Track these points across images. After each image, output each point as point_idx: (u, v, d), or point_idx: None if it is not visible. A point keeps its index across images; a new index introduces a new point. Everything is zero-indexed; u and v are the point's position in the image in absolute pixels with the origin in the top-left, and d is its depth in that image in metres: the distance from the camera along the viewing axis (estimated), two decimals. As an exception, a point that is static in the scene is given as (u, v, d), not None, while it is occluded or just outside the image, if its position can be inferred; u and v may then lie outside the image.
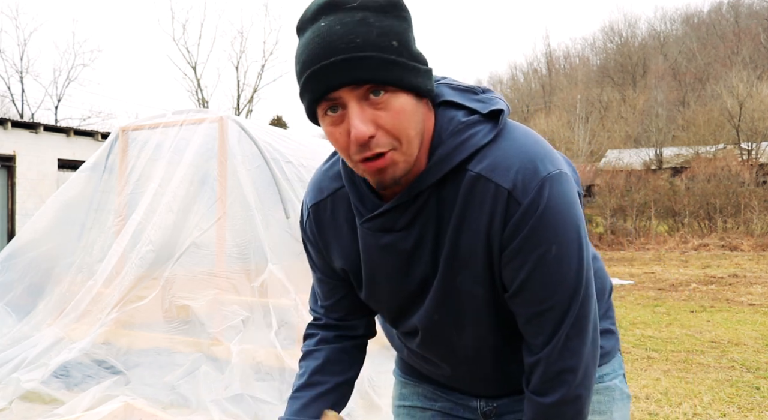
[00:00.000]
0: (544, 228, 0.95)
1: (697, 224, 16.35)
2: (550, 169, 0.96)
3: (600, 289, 1.21)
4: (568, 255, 0.97)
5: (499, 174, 0.95)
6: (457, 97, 1.01)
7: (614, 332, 1.26)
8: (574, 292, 0.98)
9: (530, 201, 0.94)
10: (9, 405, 3.55)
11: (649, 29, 45.46)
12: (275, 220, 4.50)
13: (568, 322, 0.99)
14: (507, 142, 0.98)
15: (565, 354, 1.00)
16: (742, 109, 26.04)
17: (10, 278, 4.84)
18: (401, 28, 0.91)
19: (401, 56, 0.90)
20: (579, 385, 1.01)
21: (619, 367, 1.25)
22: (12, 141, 10.73)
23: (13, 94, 26.86)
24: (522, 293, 1.00)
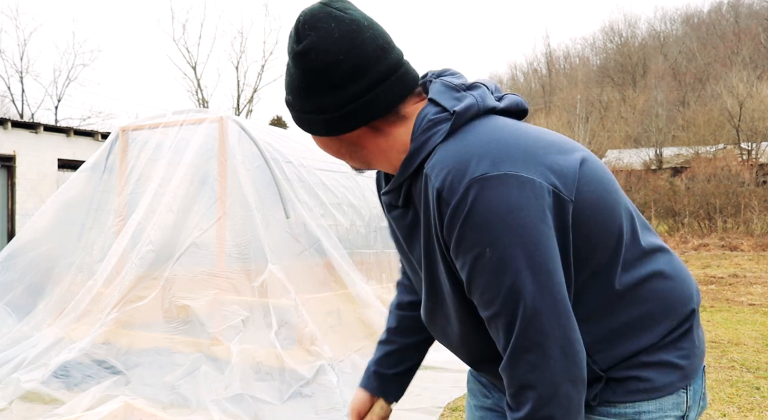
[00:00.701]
0: (473, 231, 0.93)
1: (697, 224, 16.35)
2: (483, 171, 0.92)
3: (657, 311, 1.06)
4: (504, 261, 0.92)
5: (435, 173, 0.98)
6: (439, 95, 1.05)
7: (680, 367, 1.07)
8: (515, 303, 0.93)
9: (457, 202, 0.93)
10: (9, 405, 3.55)
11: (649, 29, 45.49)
12: (275, 220, 4.50)
13: (519, 334, 0.94)
14: (455, 141, 0.99)
15: (524, 367, 0.95)
16: (742, 109, 26.04)
17: (10, 278, 4.84)
18: (295, 84, 1.05)
19: (293, 109, 1.07)
20: (547, 404, 0.95)
21: (671, 408, 1.06)
22: (12, 141, 10.73)
23: (13, 94, 26.90)
24: (473, 295, 1.00)
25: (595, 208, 1.00)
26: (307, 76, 1.00)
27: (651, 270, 1.07)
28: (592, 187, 1.00)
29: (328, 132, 1.05)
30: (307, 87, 1.01)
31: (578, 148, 1.06)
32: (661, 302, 1.06)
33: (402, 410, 3.64)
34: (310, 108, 1.04)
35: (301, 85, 1.02)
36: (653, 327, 1.05)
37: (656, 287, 1.06)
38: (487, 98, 1.05)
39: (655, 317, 1.06)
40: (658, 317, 1.06)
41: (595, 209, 1.00)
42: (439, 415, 3.58)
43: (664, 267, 1.09)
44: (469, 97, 1.03)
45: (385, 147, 1.07)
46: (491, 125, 1.02)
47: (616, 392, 1.04)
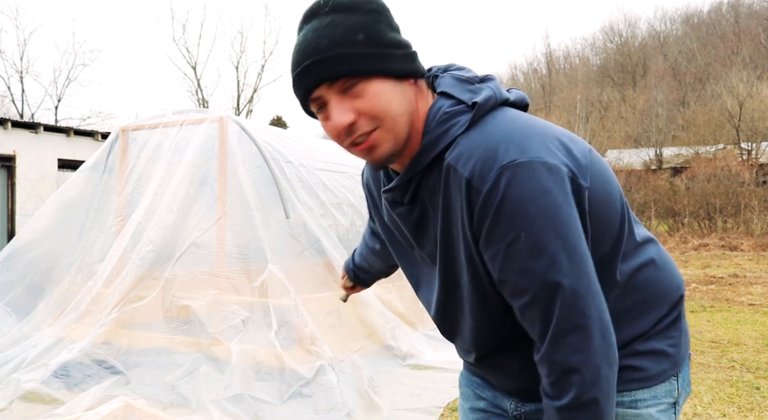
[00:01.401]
0: (506, 217, 0.94)
1: (697, 224, 16.34)
2: (513, 157, 0.94)
3: (650, 299, 1.11)
4: (540, 244, 0.93)
5: (462, 163, 0.98)
6: (452, 88, 1.06)
7: (670, 355, 1.12)
8: (554, 285, 0.94)
9: (488, 189, 0.94)
10: (9, 405, 3.55)
11: (649, 29, 45.50)
12: (275, 220, 4.51)
13: (559, 317, 0.94)
14: (477, 131, 1.00)
15: (567, 350, 0.95)
16: (742, 109, 26.04)
17: (10, 278, 4.84)
18: (368, 22, 0.99)
19: (368, 47, 0.98)
20: (591, 387, 0.95)
21: (665, 395, 1.11)
22: (12, 141, 10.73)
23: (13, 94, 26.88)
24: (504, 285, 0.99)
25: (602, 198, 1.04)
26: (377, 15, 1.01)
27: (644, 259, 1.11)
28: (598, 177, 1.04)
29: (410, 66, 1.03)
30: (378, 26, 1.00)
31: (580, 139, 1.11)
32: (652, 290, 1.11)
33: (402, 410, 3.64)
34: (388, 42, 1.00)
35: (374, 23, 1.00)
36: (646, 314, 1.10)
37: (648, 276, 1.11)
38: (502, 90, 1.08)
39: (647, 305, 1.10)
40: (650, 305, 1.10)
41: (602, 198, 1.04)
42: (439, 415, 3.58)
43: (655, 256, 1.13)
44: (486, 89, 1.04)
45: (421, 117, 1.05)
46: (509, 116, 1.04)
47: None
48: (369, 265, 1.60)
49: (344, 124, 0.99)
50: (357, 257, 1.63)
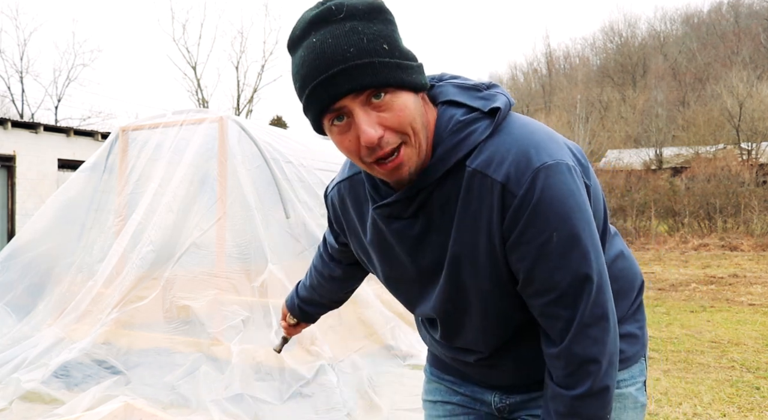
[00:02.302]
0: (541, 217, 0.96)
1: (697, 224, 16.33)
2: (544, 160, 0.97)
3: (625, 287, 1.20)
4: (571, 242, 0.97)
5: (493, 168, 0.99)
6: (459, 96, 1.05)
7: (639, 337, 1.23)
8: (584, 279, 0.98)
9: (524, 192, 0.96)
10: (9, 405, 3.55)
11: (649, 29, 45.50)
12: (275, 220, 4.50)
13: (584, 310, 0.99)
14: (502, 137, 1.00)
15: (587, 343, 1.00)
16: (742, 109, 26.05)
17: (10, 278, 4.84)
18: (388, 31, 0.96)
19: (393, 57, 0.95)
20: (605, 375, 1.01)
21: (639, 374, 1.22)
22: (12, 141, 10.73)
23: (13, 94, 26.89)
24: (531, 284, 1.01)
25: (596, 195, 1.10)
26: (393, 25, 0.99)
27: (616, 251, 1.20)
28: (592, 175, 1.09)
29: (424, 79, 1.02)
30: (396, 36, 0.98)
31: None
32: (625, 279, 1.21)
33: (402, 410, 3.64)
34: (407, 53, 0.98)
35: (391, 34, 0.97)
36: (621, 302, 1.17)
37: (621, 266, 1.20)
38: (510, 96, 1.08)
39: (621, 292, 1.18)
40: (624, 292, 1.19)
41: (596, 196, 1.10)
42: (439, 415, 3.58)
43: (622, 248, 1.23)
44: (500, 96, 1.05)
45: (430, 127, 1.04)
46: (523, 120, 1.05)
47: None
48: (320, 296, 1.54)
49: (374, 139, 0.94)
50: (303, 290, 1.56)
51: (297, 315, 1.59)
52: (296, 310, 1.58)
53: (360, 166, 1.02)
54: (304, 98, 0.97)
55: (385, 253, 1.17)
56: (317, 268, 1.52)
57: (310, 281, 1.54)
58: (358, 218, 1.20)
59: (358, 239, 1.23)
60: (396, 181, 1.02)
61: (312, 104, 0.96)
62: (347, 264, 1.44)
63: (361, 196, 1.18)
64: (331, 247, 1.44)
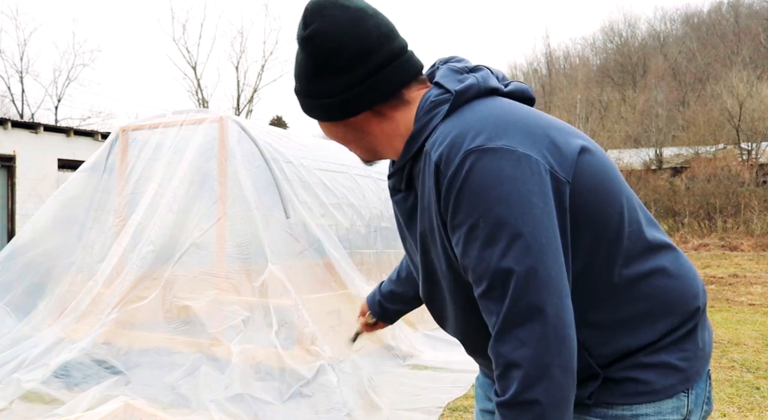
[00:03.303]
0: (467, 200, 0.93)
1: (697, 224, 16.34)
2: (480, 143, 0.94)
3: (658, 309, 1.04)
4: (497, 231, 0.91)
5: (434, 148, 1.00)
6: (443, 78, 1.07)
7: (680, 369, 1.04)
8: (506, 274, 0.91)
9: (452, 173, 0.95)
10: (9, 405, 3.55)
11: (649, 29, 45.47)
12: (275, 220, 4.50)
13: (509, 307, 0.91)
14: (453, 120, 1.01)
15: (510, 344, 0.92)
16: (742, 109, 26.02)
17: (10, 278, 4.84)
18: (301, 73, 1.09)
19: (300, 96, 1.12)
20: (532, 387, 0.90)
21: (670, 412, 1.03)
22: (12, 141, 10.73)
23: (13, 94, 26.88)
24: (466, 273, 0.99)
25: (594, 194, 0.99)
26: (313, 61, 1.03)
27: (653, 266, 1.04)
28: (592, 172, 1.00)
29: (333, 117, 1.08)
30: (313, 71, 1.04)
31: (581, 135, 1.07)
32: (661, 299, 1.04)
33: (402, 410, 3.64)
34: (316, 93, 1.06)
35: (307, 70, 1.04)
36: (653, 324, 1.03)
37: (657, 284, 1.04)
38: (489, 79, 1.07)
39: (655, 314, 1.03)
40: (658, 314, 1.03)
41: (594, 195, 0.99)
42: (439, 415, 3.58)
43: (668, 264, 1.06)
44: (470, 78, 1.05)
45: (389, 132, 1.09)
46: (492, 104, 1.03)
47: (614, 393, 1.02)
48: (404, 291, 1.48)
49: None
50: (389, 284, 1.52)
51: (377, 312, 1.55)
52: (377, 307, 1.55)
53: None
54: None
55: (397, 221, 1.21)
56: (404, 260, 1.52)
57: (398, 274, 1.50)
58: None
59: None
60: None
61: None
62: None
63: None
64: None
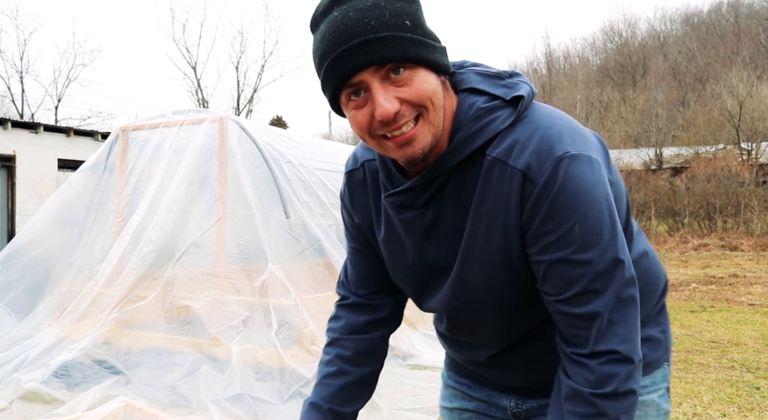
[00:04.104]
0: (562, 207, 0.93)
1: (697, 224, 16.34)
2: (566, 149, 0.94)
3: (649, 287, 1.15)
4: (594, 234, 0.93)
5: (514, 157, 0.95)
6: (481, 84, 1.02)
7: (662, 341, 1.17)
8: (605, 273, 0.94)
9: (545, 180, 0.93)
10: (9, 405, 3.56)
11: (649, 29, 45.47)
12: (275, 220, 4.51)
13: (608, 305, 0.94)
14: (524, 125, 0.98)
15: (612, 340, 0.94)
16: (742, 109, 26.03)
17: (10, 278, 4.84)
18: (411, 9, 0.94)
19: (415, 34, 0.93)
20: (632, 379, 0.95)
21: (662, 381, 1.16)
22: (12, 141, 10.73)
23: (13, 94, 26.88)
24: (549, 279, 0.97)
25: (618, 191, 1.05)
26: (417, 4, 0.97)
27: (640, 250, 1.15)
28: (615, 170, 1.05)
29: (446, 64, 0.98)
30: (420, 15, 0.96)
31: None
32: (649, 279, 1.15)
33: (402, 410, 3.64)
34: (429, 33, 0.96)
35: (418, 11, 0.96)
36: (645, 303, 1.12)
37: (645, 265, 1.14)
38: (533, 85, 1.06)
39: (646, 293, 1.12)
40: (647, 293, 1.13)
41: (618, 191, 1.05)
42: (439, 415, 3.58)
43: (646, 247, 1.18)
44: (523, 85, 1.03)
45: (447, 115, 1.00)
46: (547, 110, 1.02)
47: None
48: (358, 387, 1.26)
49: (390, 113, 0.91)
50: (340, 394, 1.22)
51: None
52: None
53: (369, 143, 0.99)
54: (322, 72, 0.95)
55: (392, 244, 1.13)
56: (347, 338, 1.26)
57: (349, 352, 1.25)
58: (376, 214, 1.15)
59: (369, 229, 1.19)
60: (407, 159, 0.98)
61: (330, 78, 0.94)
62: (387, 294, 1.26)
63: (370, 185, 1.15)
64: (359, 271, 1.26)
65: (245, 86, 28.83)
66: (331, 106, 1.00)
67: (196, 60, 27.74)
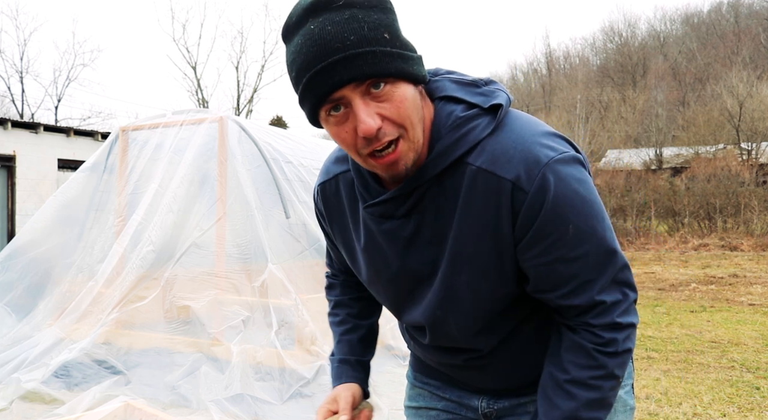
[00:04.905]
0: (556, 212, 0.94)
1: (697, 224, 16.34)
2: (550, 154, 0.95)
3: None
4: (588, 230, 0.96)
5: (500, 166, 0.95)
6: (458, 92, 1.02)
7: None
8: (601, 264, 0.98)
9: (536, 189, 0.94)
10: (9, 405, 3.56)
11: (649, 29, 45.48)
12: (275, 220, 4.51)
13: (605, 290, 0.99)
14: (505, 134, 0.98)
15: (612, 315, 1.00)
16: (742, 109, 26.04)
17: (10, 278, 4.84)
18: (388, 20, 0.93)
19: (394, 47, 0.92)
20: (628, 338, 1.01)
21: (627, 377, 1.20)
22: (12, 141, 10.73)
23: (13, 94, 26.89)
24: (546, 279, 0.99)
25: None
26: (393, 15, 0.95)
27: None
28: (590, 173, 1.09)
29: (421, 74, 0.97)
30: (396, 26, 0.95)
31: None
32: None
33: (402, 410, 3.64)
34: (406, 45, 0.95)
35: (394, 23, 0.95)
36: None
37: None
38: (509, 92, 1.06)
39: None
40: None
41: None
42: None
43: None
44: (500, 93, 1.03)
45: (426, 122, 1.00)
46: (523, 117, 1.03)
47: None
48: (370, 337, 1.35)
49: (372, 130, 0.90)
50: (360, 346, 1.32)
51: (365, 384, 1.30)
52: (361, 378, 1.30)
53: (356, 158, 0.98)
54: (300, 88, 0.93)
55: (373, 254, 1.11)
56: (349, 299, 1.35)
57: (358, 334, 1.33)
58: (353, 221, 1.14)
59: (350, 246, 1.17)
60: (391, 175, 0.98)
61: (309, 94, 0.92)
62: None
63: (345, 196, 1.14)
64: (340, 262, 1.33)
65: (245, 86, 28.85)
66: (310, 120, 0.99)
67: (196, 60, 27.74)
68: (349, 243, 1.17)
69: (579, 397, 0.99)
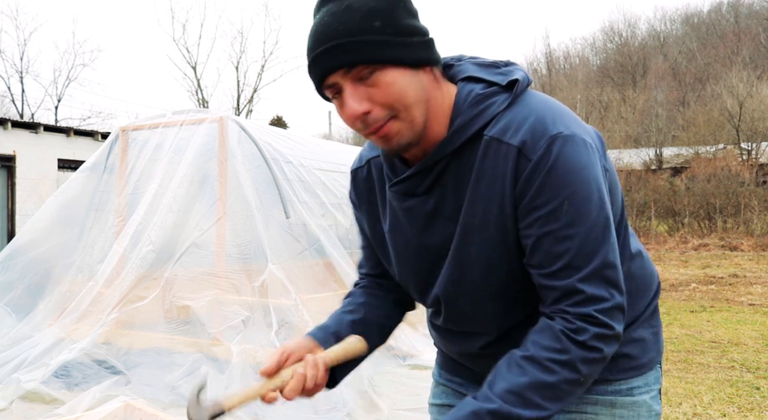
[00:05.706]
0: (553, 183, 0.96)
1: (697, 224, 16.34)
2: (560, 129, 0.97)
3: (642, 287, 1.16)
4: (582, 212, 0.96)
5: (510, 134, 0.99)
6: (479, 72, 1.06)
7: (654, 343, 1.18)
8: (589, 252, 0.96)
9: (539, 157, 0.96)
10: (9, 405, 3.56)
11: (649, 29, 45.46)
12: (275, 220, 4.51)
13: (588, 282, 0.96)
14: (521, 107, 1.01)
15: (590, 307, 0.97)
16: (742, 109, 26.03)
17: (10, 278, 4.85)
18: (385, 8, 0.97)
19: (384, 34, 0.96)
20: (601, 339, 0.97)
21: (654, 382, 1.17)
22: (12, 141, 10.73)
23: (13, 94, 26.88)
24: (536, 253, 0.99)
25: (613, 183, 1.08)
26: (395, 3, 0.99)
27: (634, 248, 1.16)
28: (610, 162, 1.08)
29: (421, 58, 1.00)
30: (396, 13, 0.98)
31: None
32: (642, 278, 1.17)
33: (402, 410, 3.64)
34: (407, 29, 0.99)
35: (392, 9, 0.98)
36: (637, 302, 1.15)
37: (638, 265, 1.17)
38: (528, 74, 1.09)
39: (639, 292, 1.15)
40: (641, 292, 1.16)
41: (613, 183, 1.08)
42: (439, 415, 3.58)
43: (640, 246, 1.20)
44: (518, 71, 1.06)
45: (440, 102, 1.04)
46: (542, 96, 1.06)
47: (612, 370, 1.11)
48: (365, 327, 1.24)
49: (357, 113, 0.97)
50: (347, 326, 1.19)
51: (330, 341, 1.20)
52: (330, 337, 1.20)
53: (362, 135, 1.04)
54: (308, 71, 1.02)
55: (397, 234, 1.15)
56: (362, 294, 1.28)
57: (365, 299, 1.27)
58: (382, 203, 1.18)
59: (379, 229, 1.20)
60: (388, 151, 1.05)
61: (312, 79, 1.02)
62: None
63: (375, 181, 1.19)
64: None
65: (245, 86, 28.85)
66: (320, 96, 1.07)
67: (196, 60, 27.75)
68: (377, 227, 1.20)
69: (529, 374, 0.95)
